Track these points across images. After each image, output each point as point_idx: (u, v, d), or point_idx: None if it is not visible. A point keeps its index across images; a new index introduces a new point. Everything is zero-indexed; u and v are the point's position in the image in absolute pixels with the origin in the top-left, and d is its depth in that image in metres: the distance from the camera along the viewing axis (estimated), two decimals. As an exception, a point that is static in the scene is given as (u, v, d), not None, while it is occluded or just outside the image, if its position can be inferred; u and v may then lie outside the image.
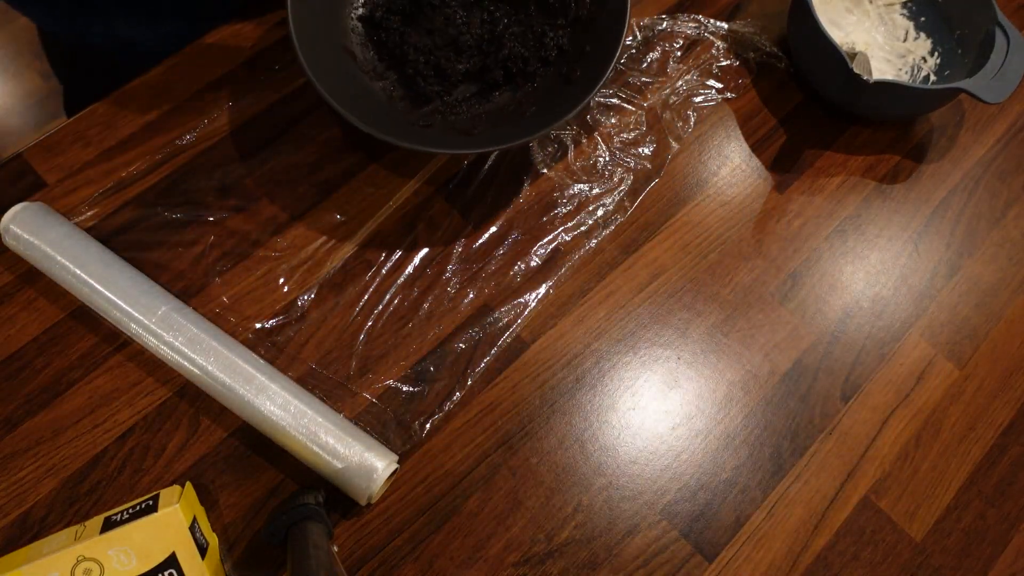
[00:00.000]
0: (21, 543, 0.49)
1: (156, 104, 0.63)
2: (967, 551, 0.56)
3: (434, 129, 0.61)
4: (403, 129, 0.59)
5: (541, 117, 0.59)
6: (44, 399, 0.53)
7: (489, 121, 0.61)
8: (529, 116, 0.60)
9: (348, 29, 0.64)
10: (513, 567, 0.52)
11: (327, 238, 0.60)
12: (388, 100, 0.62)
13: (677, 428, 0.57)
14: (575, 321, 0.59)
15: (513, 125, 0.60)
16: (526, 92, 0.62)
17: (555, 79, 0.62)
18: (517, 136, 0.57)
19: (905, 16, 0.74)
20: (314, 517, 0.48)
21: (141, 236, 0.58)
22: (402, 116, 0.61)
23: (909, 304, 0.63)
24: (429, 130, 0.61)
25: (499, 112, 0.62)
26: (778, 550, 0.54)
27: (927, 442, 0.59)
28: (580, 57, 0.61)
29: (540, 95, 0.62)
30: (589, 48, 0.61)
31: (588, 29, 0.62)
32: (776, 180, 0.67)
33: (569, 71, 0.61)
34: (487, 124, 0.61)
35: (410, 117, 0.61)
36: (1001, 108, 0.73)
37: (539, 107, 0.61)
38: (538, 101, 0.61)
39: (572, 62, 0.62)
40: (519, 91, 0.62)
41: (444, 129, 0.61)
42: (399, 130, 0.58)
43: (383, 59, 0.63)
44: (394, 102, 0.62)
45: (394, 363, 0.56)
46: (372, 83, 0.62)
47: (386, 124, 0.58)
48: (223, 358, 0.52)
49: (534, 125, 0.58)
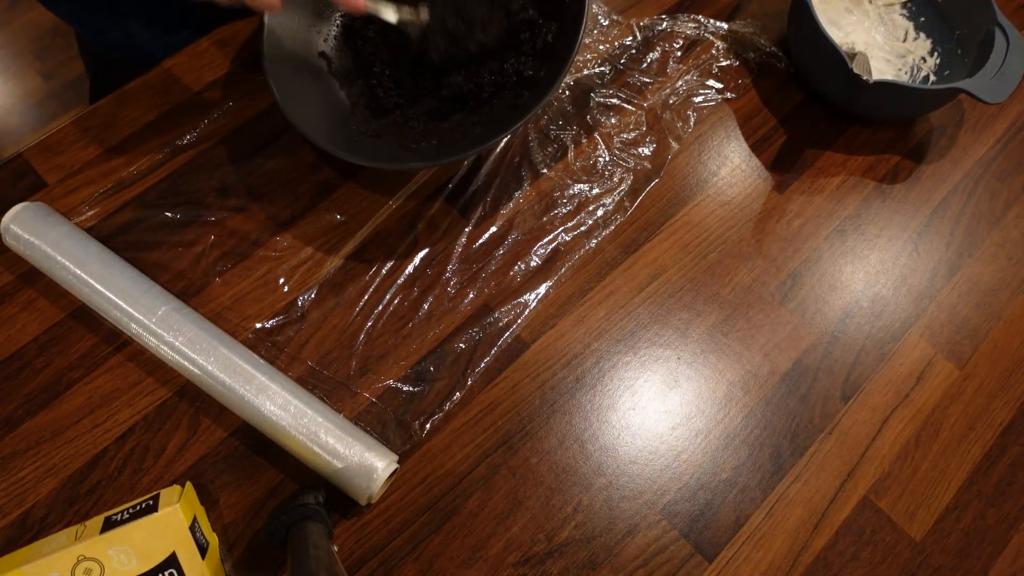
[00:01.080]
0: (21, 543, 0.49)
1: (156, 104, 0.63)
2: (967, 551, 0.56)
3: (382, 140, 0.61)
4: (349, 137, 0.60)
5: (482, 137, 0.59)
6: (44, 399, 0.53)
7: (437, 137, 0.61)
8: (475, 136, 0.60)
9: (329, 34, 0.65)
10: (513, 567, 0.52)
11: (327, 238, 0.60)
12: (352, 107, 0.63)
13: (677, 428, 0.57)
14: (575, 321, 0.59)
15: (457, 144, 0.60)
16: (480, 114, 0.62)
17: (508, 102, 0.62)
18: (453, 153, 0.58)
19: (905, 16, 0.74)
20: (314, 517, 0.48)
21: (141, 236, 0.58)
22: (359, 124, 0.62)
23: (909, 304, 0.63)
24: (378, 140, 0.61)
25: (452, 131, 0.62)
26: (778, 550, 0.54)
27: (927, 442, 0.59)
28: (533, 83, 0.61)
29: (492, 117, 0.61)
30: (543, 73, 0.61)
31: (549, 55, 0.61)
32: (776, 180, 0.67)
33: (519, 95, 0.61)
34: (434, 140, 0.61)
35: (365, 127, 0.62)
36: (1001, 108, 0.73)
37: (484, 128, 0.60)
38: (486, 123, 0.61)
39: (525, 87, 0.61)
40: (473, 113, 0.62)
41: (391, 143, 0.61)
42: (344, 138, 0.60)
43: (355, 66, 0.64)
44: (357, 109, 0.63)
45: (394, 363, 0.56)
46: (340, 89, 0.64)
47: (337, 130, 0.60)
48: (223, 358, 0.52)
49: (472, 143, 0.58)
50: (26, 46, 1.62)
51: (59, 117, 1.55)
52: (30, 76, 1.59)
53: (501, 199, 0.63)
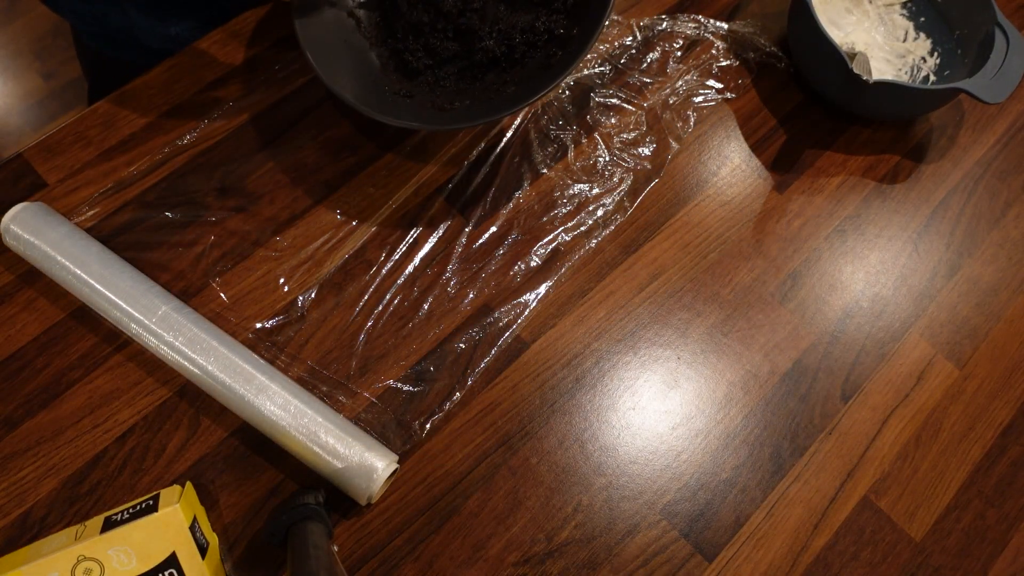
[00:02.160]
0: (21, 543, 0.49)
1: (156, 104, 0.63)
2: (967, 551, 0.56)
3: (414, 100, 0.62)
4: (383, 98, 0.61)
5: (516, 97, 0.59)
6: (44, 399, 0.53)
7: (470, 97, 0.62)
8: (507, 96, 0.61)
9: None
10: (513, 567, 0.52)
11: (327, 238, 0.60)
12: (382, 68, 0.63)
13: (677, 428, 0.57)
14: (575, 321, 0.59)
15: (491, 104, 0.60)
16: (512, 74, 0.62)
17: (540, 61, 0.62)
18: (488, 114, 0.58)
19: (905, 16, 0.74)
20: (314, 517, 0.48)
21: (141, 236, 0.58)
22: (391, 84, 0.62)
23: (909, 304, 0.63)
24: (409, 100, 0.62)
25: (484, 91, 0.62)
26: (778, 550, 0.54)
27: (927, 442, 0.59)
28: (566, 41, 0.61)
29: (524, 77, 0.62)
30: (576, 31, 0.61)
31: (581, 13, 0.62)
32: (776, 180, 0.67)
33: (552, 54, 0.61)
34: (467, 100, 0.61)
35: (397, 87, 0.62)
36: (1001, 108, 0.73)
37: (518, 87, 0.61)
38: (520, 83, 0.61)
39: (558, 46, 0.62)
40: (506, 72, 0.63)
41: (423, 103, 0.62)
42: (378, 98, 0.60)
43: (384, 27, 0.64)
44: (388, 71, 0.63)
45: (394, 363, 0.56)
46: (370, 50, 0.64)
47: (369, 90, 0.60)
48: (223, 358, 0.52)
49: (507, 104, 0.58)
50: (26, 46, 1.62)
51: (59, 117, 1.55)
52: (30, 76, 1.59)
53: (501, 199, 0.63)
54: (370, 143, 0.63)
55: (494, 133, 0.65)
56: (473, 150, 0.64)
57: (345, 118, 0.64)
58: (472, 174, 0.63)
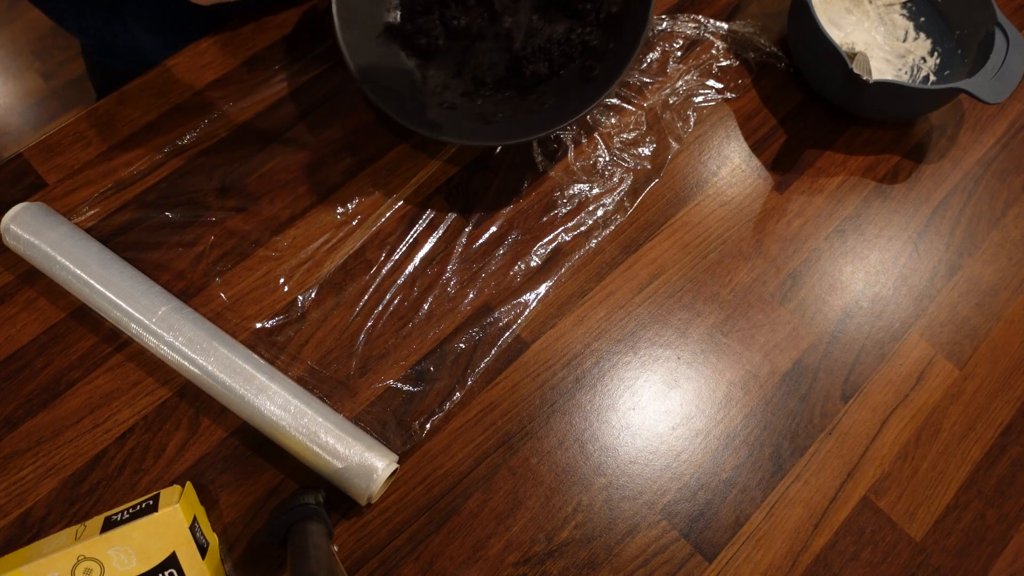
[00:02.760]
0: (21, 543, 0.49)
1: (156, 104, 0.63)
2: (967, 551, 0.56)
3: (457, 112, 0.62)
4: (426, 113, 0.61)
5: (558, 111, 0.59)
6: (44, 399, 0.53)
7: (511, 108, 0.62)
8: (547, 108, 0.61)
9: (392, 5, 0.65)
10: (513, 567, 0.52)
11: (327, 238, 0.60)
12: (422, 79, 0.64)
13: (677, 428, 0.57)
14: (575, 321, 0.59)
15: (531, 117, 0.61)
16: (550, 84, 0.63)
17: (577, 73, 0.63)
18: (532, 130, 0.59)
19: (905, 16, 0.74)
20: (314, 517, 0.48)
21: (141, 236, 0.58)
22: (431, 96, 0.63)
23: (909, 304, 0.63)
24: (453, 112, 0.62)
25: (520, 100, 0.63)
26: (778, 550, 0.54)
27: (927, 442, 0.59)
28: (603, 54, 0.62)
29: (561, 88, 0.63)
30: (612, 45, 0.62)
31: (615, 27, 0.62)
32: (776, 180, 0.67)
33: (590, 67, 0.62)
34: (508, 112, 0.62)
35: (438, 99, 0.63)
36: (1001, 108, 0.73)
37: (558, 100, 0.62)
38: (558, 94, 0.62)
39: (595, 59, 0.63)
40: (543, 83, 0.64)
41: (467, 114, 0.62)
42: (422, 114, 0.61)
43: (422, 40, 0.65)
44: (427, 81, 0.64)
45: (394, 363, 0.56)
46: (408, 60, 0.64)
47: (412, 105, 0.60)
48: (223, 358, 0.52)
49: (549, 120, 0.59)
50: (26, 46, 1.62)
51: (59, 117, 1.55)
52: (30, 76, 1.59)
53: (501, 199, 0.63)
54: (370, 143, 0.63)
55: (494, 133, 0.65)
56: (474, 149, 0.64)
57: (345, 118, 0.64)
58: (472, 174, 0.63)
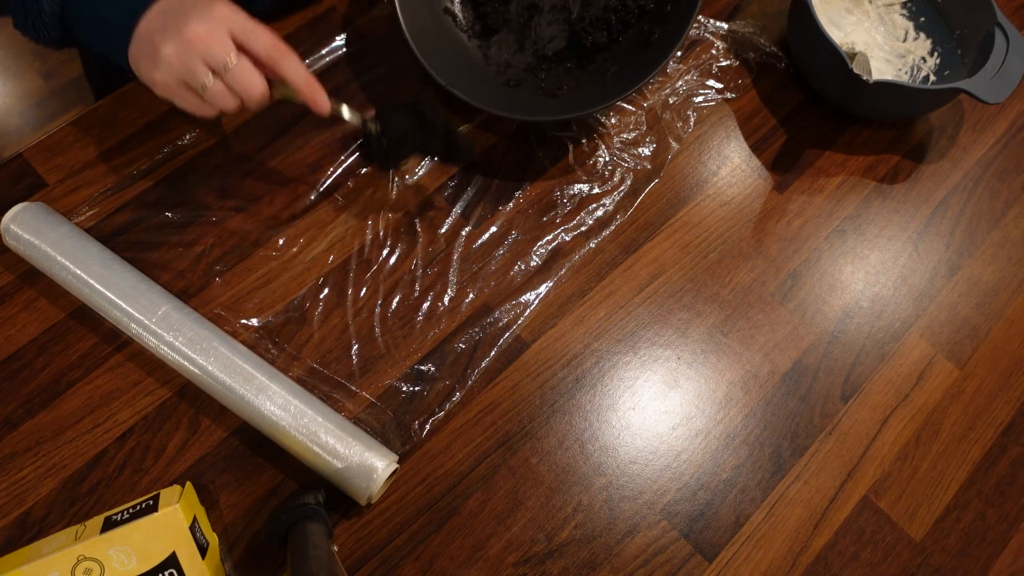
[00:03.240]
0: (21, 543, 0.49)
1: (156, 104, 0.63)
2: (967, 551, 0.56)
3: (523, 88, 0.63)
4: (493, 91, 0.63)
5: (622, 79, 0.60)
6: (44, 399, 0.53)
7: (574, 79, 0.63)
8: (610, 76, 0.62)
9: None
10: (513, 567, 0.52)
11: (327, 238, 0.60)
12: (484, 59, 0.65)
13: (677, 428, 0.57)
14: (575, 321, 0.59)
15: (595, 86, 0.62)
16: (610, 51, 0.64)
17: (636, 38, 0.64)
18: (598, 100, 0.59)
19: (905, 16, 0.74)
20: (314, 517, 0.48)
21: (141, 236, 0.58)
22: (496, 75, 0.64)
23: (909, 304, 0.63)
24: (518, 89, 0.63)
25: (581, 70, 0.64)
26: (778, 550, 0.54)
27: (927, 442, 0.59)
28: (661, 17, 0.63)
29: (621, 55, 0.64)
30: (670, 8, 0.63)
31: None
32: (776, 180, 0.67)
33: (649, 32, 0.63)
34: (573, 84, 0.63)
35: (502, 77, 0.64)
36: (1001, 108, 0.73)
37: (619, 67, 0.62)
38: (619, 61, 0.63)
39: (653, 22, 0.63)
40: (604, 51, 0.65)
41: (533, 90, 0.63)
42: (488, 91, 0.62)
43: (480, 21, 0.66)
44: (489, 60, 0.65)
45: (394, 363, 0.56)
46: (469, 42, 0.66)
47: (478, 85, 0.62)
48: (223, 358, 0.52)
49: (614, 88, 0.59)
50: (26, 46, 1.61)
51: (59, 117, 1.54)
52: (30, 76, 1.59)
53: (501, 199, 0.63)
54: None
55: (494, 133, 0.65)
56: (473, 150, 0.64)
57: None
58: (472, 174, 0.63)
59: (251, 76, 0.49)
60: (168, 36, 0.48)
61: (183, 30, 0.47)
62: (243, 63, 0.49)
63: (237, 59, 0.48)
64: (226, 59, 0.48)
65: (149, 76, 0.50)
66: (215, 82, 0.49)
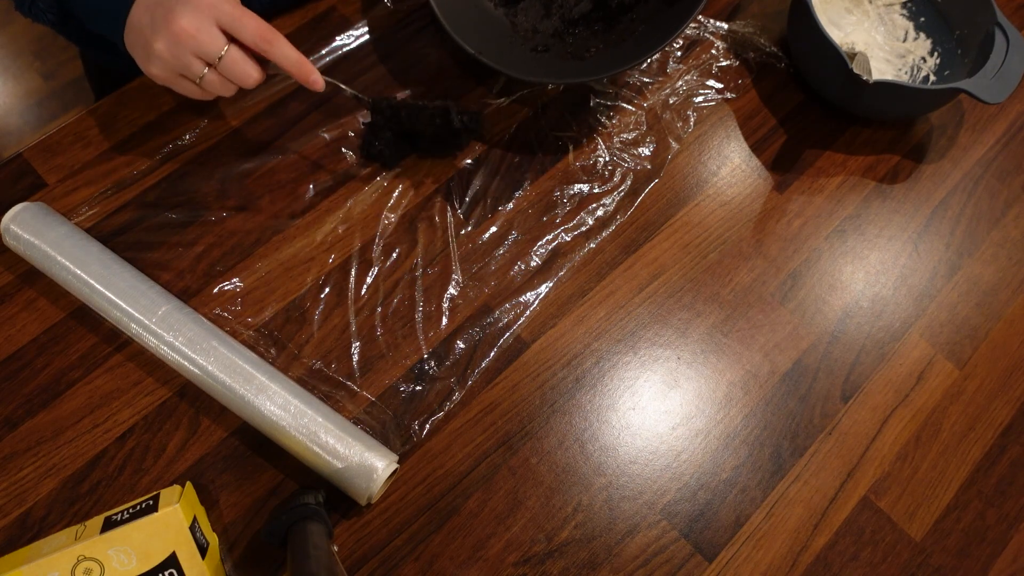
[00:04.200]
0: (21, 543, 0.49)
1: (156, 104, 0.63)
2: (967, 551, 0.56)
3: (551, 54, 0.64)
4: (521, 57, 0.63)
5: (650, 37, 0.60)
6: (44, 399, 0.53)
7: (602, 41, 0.64)
8: (639, 35, 0.62)
9: None
10: (513, 567, 0.52)
11: (327, 238, 0.60)
12: (511, 27, 0.65)
13: (677, 428, 0.57)
14: (575, 321, 0.59)
15: (623, 46, 0.62)
16: (638, 10, 0.64)
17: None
18: (628, 59, 0.60)
19: (905, 16, 0.74)
20: (314, 517, 0.48)
21: (141, 236, 0.58)
22: (522, 41, 0.64)
23: (909, 304, 0.63)
24: (546, 55, 0.64)
25: (608, 32, 0.64)
26: (778, 550, 0.54)
27: (927, 442, 0.59)
28: None
29: (649, 14, 0.64)
30: None
31: None
32: (776, 180, 0.67)
33: None
34: (600, 45, 0.64)
35: (529, 43, 0.64)
36: (1001, 108, 0.73)
37: (647, 26, 0.63)
38: (646, 20, 0.63)
39: None
40: (631, 10, 0.65)
41: (561, 54, 0.64)
42: (517, 59, 0.62)
43: None
44: (517, 28, 0.65)
45: (394, 363, 0.56)
46: (496, 11, 0.66)
47: (507, 53, 0.62)
48: (223, 358, 0.52)
49: (644, 46, 0.60)
50: (26, 46, 1.62)
51: (59, 117, 1.54)
52: (30, 76, 1.59)
53: (501, 199, 0.63)
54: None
55: (495, 133, 0.65)
56: (473, 149, 0.64)
57: (344, 118, 0.64)
58: (472, 174, 0.63)
59: (243, 65, 0.50)
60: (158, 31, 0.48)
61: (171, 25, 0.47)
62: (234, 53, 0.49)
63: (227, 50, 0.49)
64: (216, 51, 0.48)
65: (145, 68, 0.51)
66: (209, 72, 0.49)
